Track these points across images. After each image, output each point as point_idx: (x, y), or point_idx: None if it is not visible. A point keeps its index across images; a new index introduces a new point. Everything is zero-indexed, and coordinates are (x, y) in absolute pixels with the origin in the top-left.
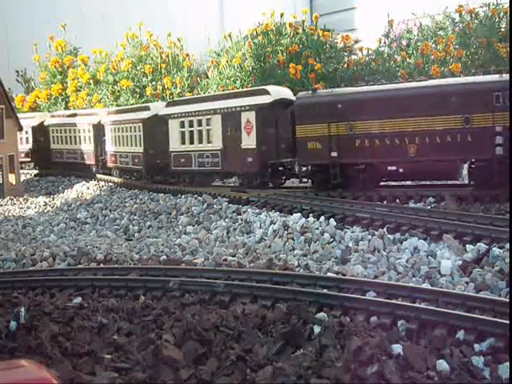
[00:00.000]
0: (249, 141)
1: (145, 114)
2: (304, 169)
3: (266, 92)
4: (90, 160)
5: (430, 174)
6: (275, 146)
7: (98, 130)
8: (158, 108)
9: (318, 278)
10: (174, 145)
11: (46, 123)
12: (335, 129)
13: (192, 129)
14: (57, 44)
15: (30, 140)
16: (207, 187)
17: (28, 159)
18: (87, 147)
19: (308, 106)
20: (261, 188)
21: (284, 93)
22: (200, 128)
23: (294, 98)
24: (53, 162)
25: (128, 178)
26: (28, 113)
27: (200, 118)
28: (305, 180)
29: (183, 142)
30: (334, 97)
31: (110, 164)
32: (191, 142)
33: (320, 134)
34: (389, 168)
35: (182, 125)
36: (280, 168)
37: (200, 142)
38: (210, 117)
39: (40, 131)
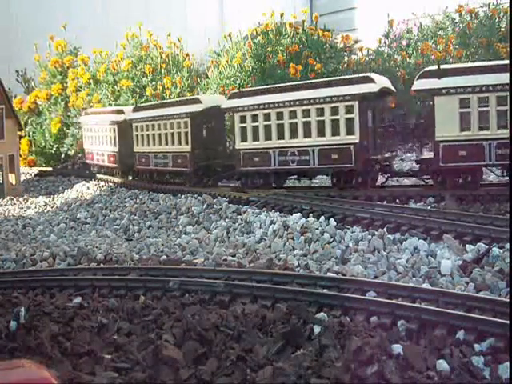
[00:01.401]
0: None
1: (360, 89)
2: None
3: None
4: (185, 165)
5: None
6: None
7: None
8: (383, 81)
9: (318, 278)
10: (444, 132)
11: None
12: None
13: (486, 108)
14: (57, 44)
15: (117, 140)
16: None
17: (114, 165)
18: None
19: None
20: None
21: None
22: (503, 108)
23: None
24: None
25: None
26: (109, 106)
27: (505, 94)
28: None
29: (465, 128)
30: None
31: (242, 168)
32: (484, 128)
33: None
34: None
35: (466, 103)
36: None
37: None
38: None
39: (127, 129)
